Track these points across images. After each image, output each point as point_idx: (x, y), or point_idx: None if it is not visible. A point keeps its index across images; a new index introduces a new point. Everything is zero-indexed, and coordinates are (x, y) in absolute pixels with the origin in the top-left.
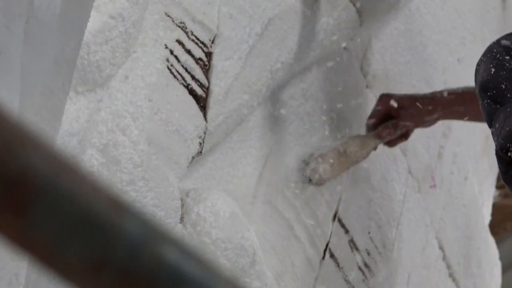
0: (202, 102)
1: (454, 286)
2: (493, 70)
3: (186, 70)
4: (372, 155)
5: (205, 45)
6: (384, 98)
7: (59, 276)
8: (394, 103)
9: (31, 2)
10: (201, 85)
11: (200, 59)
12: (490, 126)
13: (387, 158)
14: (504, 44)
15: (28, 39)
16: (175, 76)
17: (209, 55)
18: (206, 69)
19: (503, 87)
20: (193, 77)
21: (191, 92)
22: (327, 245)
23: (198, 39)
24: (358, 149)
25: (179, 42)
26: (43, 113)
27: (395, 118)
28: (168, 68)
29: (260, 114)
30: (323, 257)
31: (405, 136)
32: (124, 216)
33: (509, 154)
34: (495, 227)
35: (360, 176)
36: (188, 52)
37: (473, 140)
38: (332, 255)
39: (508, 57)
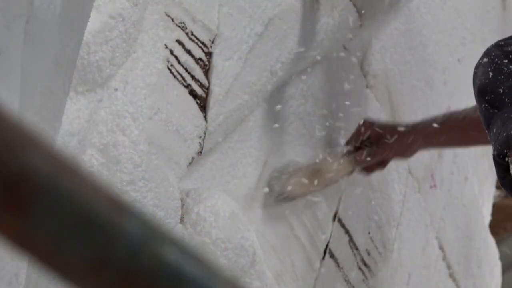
0: (202, 102)
1: (454, 286)
2: (491, 74)
3: (186, 70)
4: None
5: (205, 45)
6: (367, 124)
7: (59, 276)
8: (368, 143)
9: (31, 2)
10: (201, 85)
11: (200, 59)
12: (488, 130)
13: None
14: (502, 48)
15: (28, 39)
16: (175, 76)
17: (209, 55)
18: (206, 69)
19: (501, 91)
20: (193, 77)
21: (191, 92)
22: (327, 245)
23: (198, 39)
24: (333, 171)
25: (179, 42)
26: (43, 113)
27: (375, 146)
28: (168, 68)
29: (260, 114)
30: (323, 257)
31: (383, 164)
32: (124, 216)
33: (506, 159)
34: (495, 227)
35: (360, 176)
36: (188, 52)
37: None
38: (332, 255)
39: (506, 61)
